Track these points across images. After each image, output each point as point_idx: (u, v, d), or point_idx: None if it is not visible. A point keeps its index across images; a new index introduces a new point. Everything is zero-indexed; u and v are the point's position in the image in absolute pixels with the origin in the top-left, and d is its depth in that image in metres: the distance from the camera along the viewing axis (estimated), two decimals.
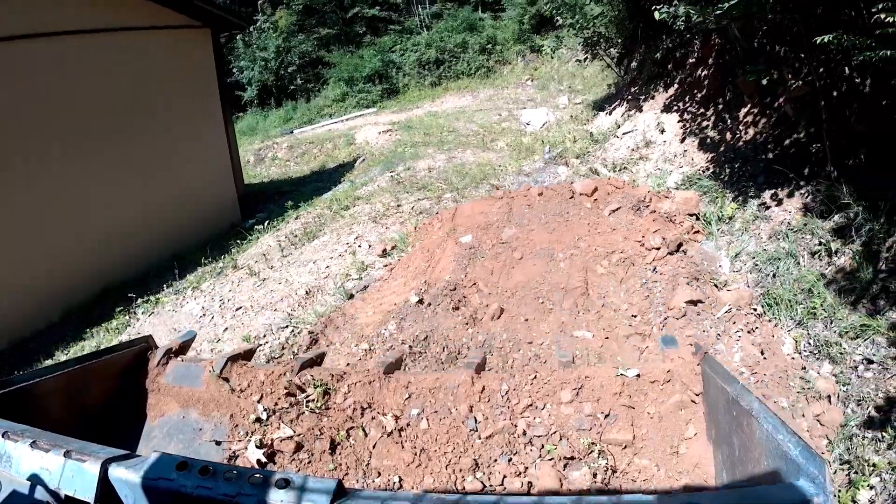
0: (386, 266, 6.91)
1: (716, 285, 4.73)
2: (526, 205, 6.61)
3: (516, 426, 2.64)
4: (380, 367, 2.94)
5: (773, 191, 5.65)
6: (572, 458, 2.49)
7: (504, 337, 4.53)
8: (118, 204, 8.58)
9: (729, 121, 7.09)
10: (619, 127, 8.85)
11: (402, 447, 2.65)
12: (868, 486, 3.09)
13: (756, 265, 5.04)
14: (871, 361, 3.75)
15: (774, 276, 4.83)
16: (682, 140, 7.62)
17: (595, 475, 2.41)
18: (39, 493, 1.61)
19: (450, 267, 5.88)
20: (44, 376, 2.34)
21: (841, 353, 3.84)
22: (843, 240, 4.64)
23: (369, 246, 7.55)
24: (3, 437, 1.67)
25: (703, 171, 6.76)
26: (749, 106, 6.92)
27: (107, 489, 1.51)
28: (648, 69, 8.95)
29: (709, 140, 7.25)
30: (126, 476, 1.48)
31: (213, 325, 6.34)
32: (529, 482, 2.44)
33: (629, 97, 9.31)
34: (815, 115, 5.49)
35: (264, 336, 5.77)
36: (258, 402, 2.83)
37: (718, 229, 5.67)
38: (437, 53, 19.68)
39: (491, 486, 2.44)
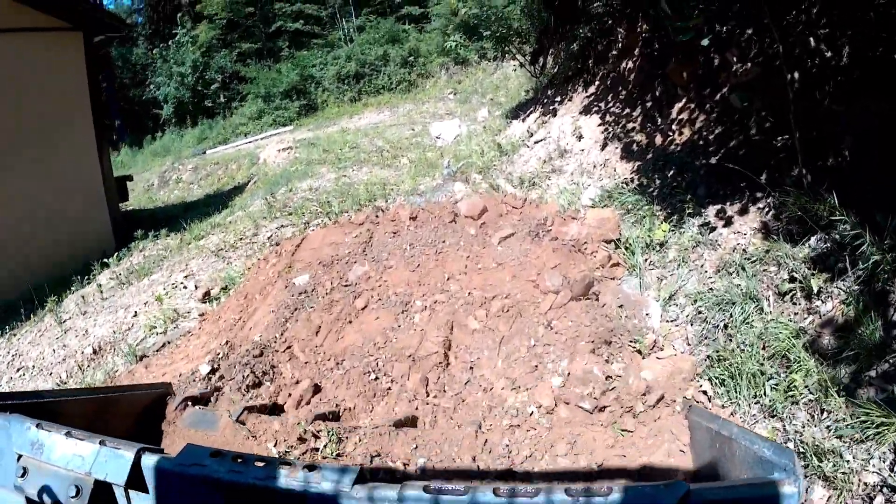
0: (201, 316, 5.04)
1: (638, 350, 3.01)
2: (391, 232, 4.80)
3: (517, 474, 2.65)
4: (390, 422, 2.96)
5: (719, 205, 4.04)
6: None
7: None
8: None
9: (659, 120, 5.55)
10: (531, 136, 7.23)
11: None
12: None
13: (699, 312, 3.38)
14: (893, 489, 2.12)
15: (727, 328, 3.18)
16: (603, 147, 6.03)
17: None
18: (69, 478, 1.53)
19: (265, 321, 4.02)
20: (70, 397, 2.29)
21: (843, 474, 2.16)
22: (827, 273, 3.03)
23: (196, 287, 5.72)
24: (37, 427, 1.62)
25: (628, 184, 5.15)
26: (684, 100, 5.40)
27: (137, 475, 1.47)
28: (565, 65, 7.43)
29: (635, 146, 5.68)
30: (159, 463, 1.46)
31: None
32: None
33: (545, 100, 7.74)
34: (772, 101, 3.97)
35: None
36: (273, 447, 2.78)
37: (646, 260, 4.00)
38: (357, 66, 18.00)
39: None
